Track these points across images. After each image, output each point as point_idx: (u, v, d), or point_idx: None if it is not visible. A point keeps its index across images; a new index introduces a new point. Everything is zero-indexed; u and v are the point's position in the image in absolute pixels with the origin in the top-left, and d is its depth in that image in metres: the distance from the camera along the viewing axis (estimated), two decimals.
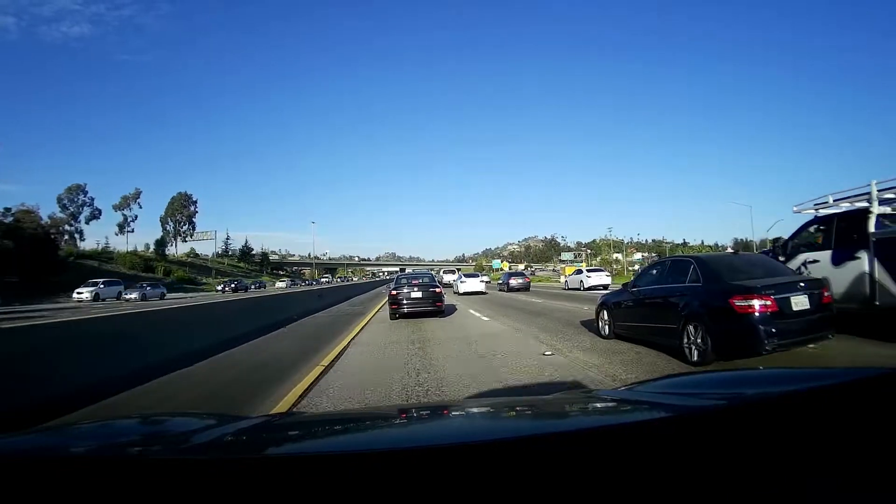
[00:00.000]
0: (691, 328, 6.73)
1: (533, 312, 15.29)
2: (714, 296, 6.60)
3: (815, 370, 2.07)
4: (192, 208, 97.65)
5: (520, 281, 33.98)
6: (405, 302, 13.69)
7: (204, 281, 75.25)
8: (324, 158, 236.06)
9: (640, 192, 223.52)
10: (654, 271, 8.57)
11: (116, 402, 5.53)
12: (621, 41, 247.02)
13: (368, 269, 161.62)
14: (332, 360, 7.69)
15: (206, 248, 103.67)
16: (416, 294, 13.78)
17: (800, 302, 6.30)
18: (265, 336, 11.14)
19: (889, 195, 8.17)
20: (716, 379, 1.92)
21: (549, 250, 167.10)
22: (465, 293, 28.94)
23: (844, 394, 1.15)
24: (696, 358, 6.54)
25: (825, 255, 8.41)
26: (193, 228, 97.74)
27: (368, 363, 7.56)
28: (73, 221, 77.42)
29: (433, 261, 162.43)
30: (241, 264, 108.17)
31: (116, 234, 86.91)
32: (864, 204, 8.34)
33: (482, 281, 33.54)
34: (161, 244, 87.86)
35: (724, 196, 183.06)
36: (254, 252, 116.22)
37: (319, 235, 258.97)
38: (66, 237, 72.27)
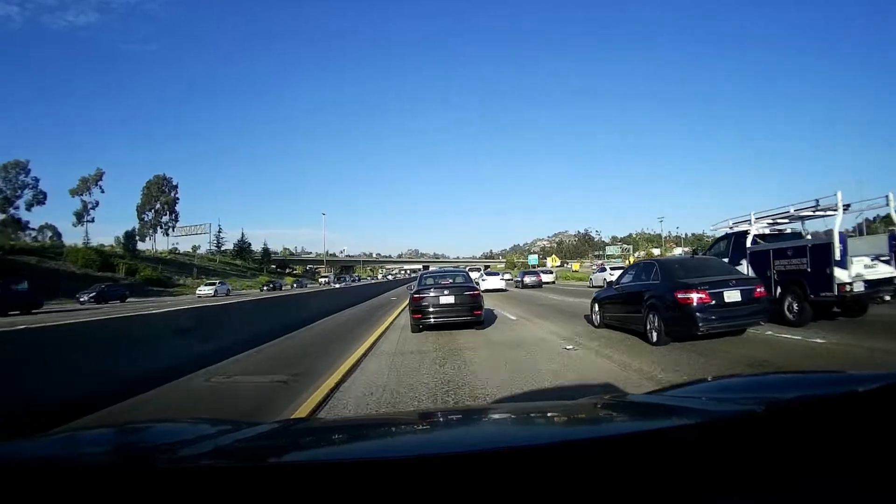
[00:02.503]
0: (651, 316, 9.88)
1: (543, 306, 19.12)
2: (666, 290, 9.76)
3: (848, 375, 2.16)
4: (173, 194, 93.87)
5: (533, 279, 42.46)
6: (432, 309, 12.82)
7: (180, 282, 71.81)
8: (342, 152, 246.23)
9: (681, 184, 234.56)
10: (632, 272, 11.91)
11: None
12: (650, 28, 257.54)
13: (388, 266, 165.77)
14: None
15: (197, 244, 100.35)
16: (447, 298, 12.90)
17: (732, 295, 9.38)
18: None
19: (765, 220, 13.61)
20: (752, 383, 2.17)
21: (582, 245, 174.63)
22: (486, 290, 31.75)
23: (880, 398, 1.23)
24: (654, 339, 9.61)
25: (724, 261, 12.29)
26: (176, 219, 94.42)
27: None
28: (7, 207, 72.56)
29: (458, 258, 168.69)
30: (238, 262, 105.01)
31: (74, 226, 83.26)
32: (746, 227, 13.54)
33: (502, 279, 40.75)
34: (130, 237, 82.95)
35: (769, 189, 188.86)
36: (251, 247, 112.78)
37: (337, 232, 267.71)
38: None
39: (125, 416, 6.04)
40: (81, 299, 42.53)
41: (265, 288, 67.84)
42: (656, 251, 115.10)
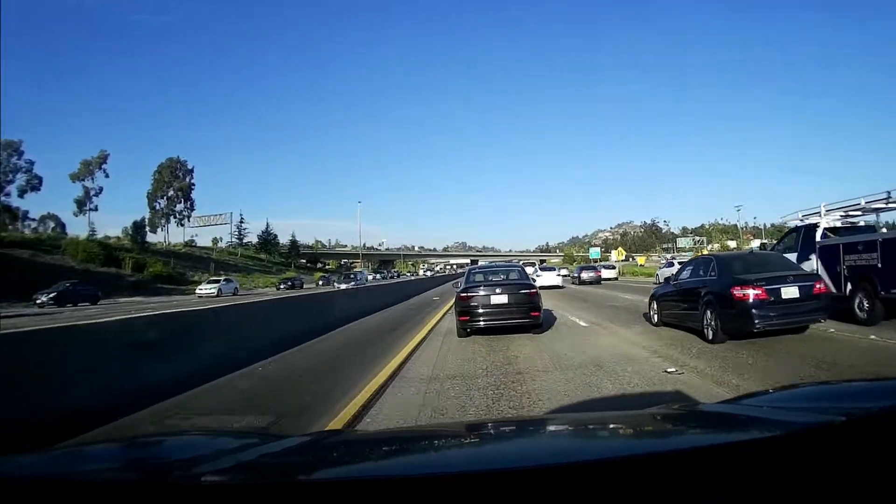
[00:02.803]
0: (708, 312, 10.69)
1: (615, 307, 19.64)
2: (722, 287, 10.55)
3: None
4: (188, 179, 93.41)
5: (590, 274, 44.20)
6: (481, 310, 12.72)
7: (195, 279, 70.48)
8: (381, 135, 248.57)
9: (763, 169, 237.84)
10: (690, 267, 13.10)
11: None
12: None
13: (432, 260, 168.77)
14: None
15: (218, 236, 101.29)
16: (499, 298, 12.85)
17: (789, 292, 10.07)
18: None
19: (837, 213, 14.34)
20: (830, 391, 2.28)
21: (648, 237, 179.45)
22: (540, 287, 32.01)
23: None
24: (710, 336, 10.41)
25: (793, 256, 13.62)
26: (192, 208, 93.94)
27: None
28: None
29: (510, 251, 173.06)
30: (262, 256, 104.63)
31: (75, 215, 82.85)
32: (816, 219, 14.28)
33: (558, 275, 41.90)
34: (139, 228, 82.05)
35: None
36: (276, 240, 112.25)
37: (375, 224, 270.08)
38: None
39: None
40: (39, 300, 39.80)
41: (282, 286, 63.68)
42: (732, 244, 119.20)
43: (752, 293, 9.89)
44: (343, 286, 44.40)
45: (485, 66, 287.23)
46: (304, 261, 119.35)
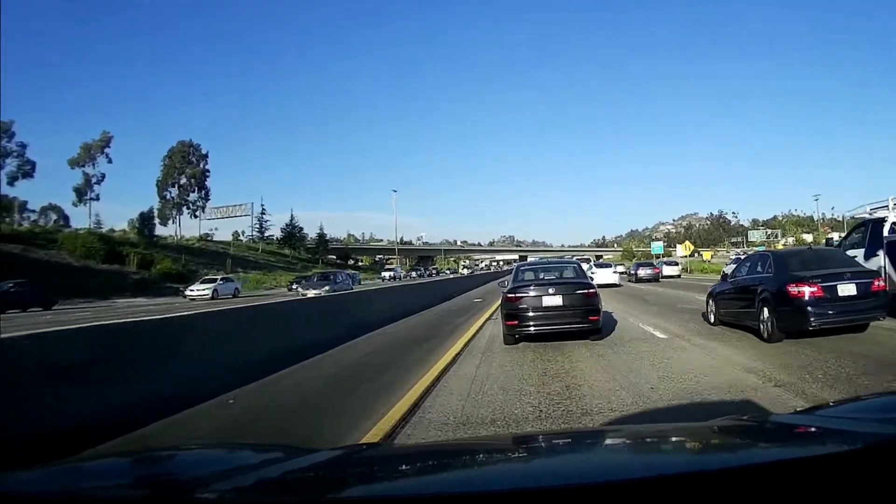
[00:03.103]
0: (764, 310, 11.53)
1: (693, 312, 18.22)
2: (778, 283, 11.45)
3: None
4: (202, 165, 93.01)
5: (648, 271, 45.81)
6: (532, 314, 12.50)
7: (208, 276, 68.98)
8: (420, 120, 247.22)
9: (842, 155, 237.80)
10: (748, 264, 14.05)
11: None
12: None
13: (477, 256, 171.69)
14: None
15: (239, 229, 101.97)
16: (553, 299, 12.61)
17: (846, 289, 10.76)
18: None
19: None
20: None
21: (715, 230, 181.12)
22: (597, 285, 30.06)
23: None
24: (766, 335, 11.28)
25: (860, 252, 14.53)
26: (206, 197, 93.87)
27: None
28: None
29: (562, 246, 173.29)
30: (286, 251, 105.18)
31: (75, 205, 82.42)
32: (885, 213, 14.93)
33: (615, 272, 41.88)
34: (146, 220, 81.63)
35: None
36: (302, 233, 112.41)
37: (414, 216, 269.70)
38: None
39: None
40: None
41: (295, 286, 60.75)
42: (808, 237, 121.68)
43: (807, 290, 10.71)
44: (311, 292, 34.62)
45: (539, 47, 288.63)
46: (333, 257, 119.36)
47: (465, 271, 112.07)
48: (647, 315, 18.41)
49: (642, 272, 45.33)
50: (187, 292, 48.22)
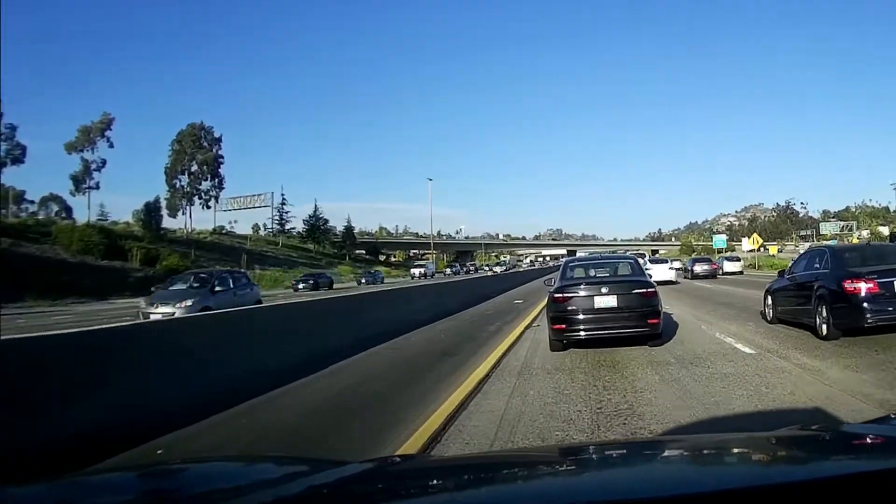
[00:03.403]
0: (821, 307, 12.27)
1: (747, 310, 19.52)
2: (834, 280, 12.15)
3: None
4: (215, 150, 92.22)
5: (704, 267, 47.48)
6: (582, 316, 12.37)
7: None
8: (460, 102, 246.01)
9: None
10: (805, 259, 14.95)
11: None
12: None
13: (521, 251, 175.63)
14: None
15: (260, 222, 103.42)
16: (606, 300, 12.45)
17: None
18: None
19: None
20: None
21: (782, 222, 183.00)
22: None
23: None
24: (823, 333, 11.98)
25: None
26: (221, 186, 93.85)
27: None
28: None
29: (615, 240, 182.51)
30: (309, 245, 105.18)
31: (73, 194, 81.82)
32: None
33: (671, 268, 43.31)
34: (152, 212, 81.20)
35: None
36: (327, 225, 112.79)
37: (454, 208, 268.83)
38: None
39: None
40: None
41: (301, 286, 61.08)
42: (884, 229, 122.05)
43: (863, 287, 11.30)
44: (162, 310, 21.59)
45: (588, 23, 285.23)
46: (362, 252, 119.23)
47: (497, 269, 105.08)
48: (721, 320, 17.52)
49: (698, 268, 47.07)
50: (143, 310, 28.95)
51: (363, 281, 72.98)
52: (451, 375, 10.79)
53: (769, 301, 15.65)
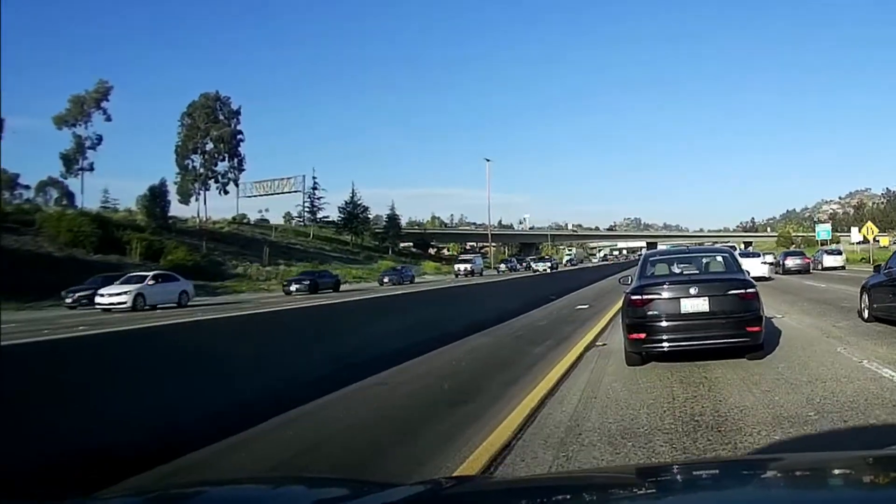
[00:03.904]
0: None
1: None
2: None
3: None
4: (233, 124, 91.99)
5: (797, 261, 51.35)
6: (665, 323, 12.15)
7: (237, 270, 70.84)
8: (525, 78, 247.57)
9: None
10: None
11: None
12: None
13: (594, 244, 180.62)
14: None
15: (291, 211, 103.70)
16: (695, 302, 12.21)
17: None
18: None
19: None
20: None
21: (893, 210, 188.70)
22: None
23: None
24: None
25: None
26: (241, 167, 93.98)
27: None
28: None
29: (701, 231, 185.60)
30: (345, 236, 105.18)
31: (64, 177, 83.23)
32: None
33: (764, 262, 45.33)
34: (157, 197, 79.42)
35: None
36: (366, 213, 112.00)
37: (519, 193, 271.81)
38: None
39: None
40: None
41: (293, 287, 57.67)
42: None
43: None
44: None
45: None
46: (408, 244, 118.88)
47: (541, 266, 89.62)
48: (851, 334, 14.96)
49: (790, 262, 51.01)
50: (97, 298, 39.90)
51: (385, 280, 70.14)
52: (455, 439, 7.84)
53: (865, 298, 16.99)
